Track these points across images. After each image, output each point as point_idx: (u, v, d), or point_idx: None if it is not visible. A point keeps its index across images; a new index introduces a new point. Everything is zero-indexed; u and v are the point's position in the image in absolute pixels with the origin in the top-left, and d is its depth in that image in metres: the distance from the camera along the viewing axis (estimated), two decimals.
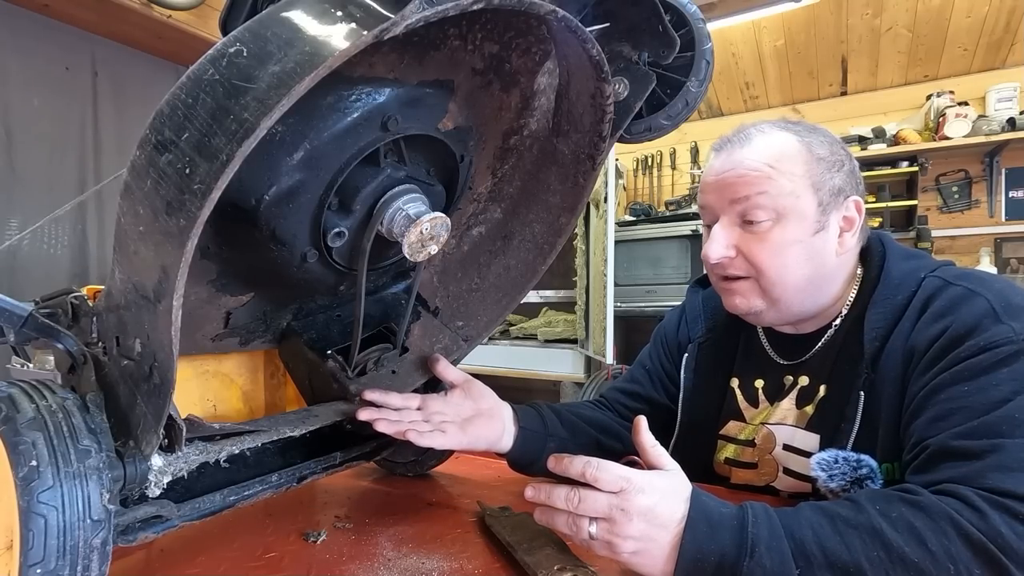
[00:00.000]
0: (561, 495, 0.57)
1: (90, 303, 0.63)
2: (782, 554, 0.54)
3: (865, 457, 0.70)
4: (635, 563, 0.56)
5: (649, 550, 0.55)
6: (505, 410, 0.84)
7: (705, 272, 1.01)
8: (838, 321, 0.80)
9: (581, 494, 0.56)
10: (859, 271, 0.81)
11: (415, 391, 0.82)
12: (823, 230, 0.76)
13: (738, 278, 0.79)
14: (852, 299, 0.79)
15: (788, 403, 0.82)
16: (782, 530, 0.55)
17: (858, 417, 0.73)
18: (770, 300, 0.78)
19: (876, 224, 3.43)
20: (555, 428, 0.88)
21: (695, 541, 0.55)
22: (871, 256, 0.80)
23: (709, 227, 0.81)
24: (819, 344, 0.81)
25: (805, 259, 0.76)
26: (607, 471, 0.56)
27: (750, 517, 0.56)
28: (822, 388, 0.79)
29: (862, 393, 0.73)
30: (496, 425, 0.82)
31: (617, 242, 2.89)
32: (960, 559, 0.51)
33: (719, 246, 0.77)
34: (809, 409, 0.80)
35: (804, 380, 0.81)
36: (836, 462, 0.71)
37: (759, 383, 0.87)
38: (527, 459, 0.85)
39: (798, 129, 0.79)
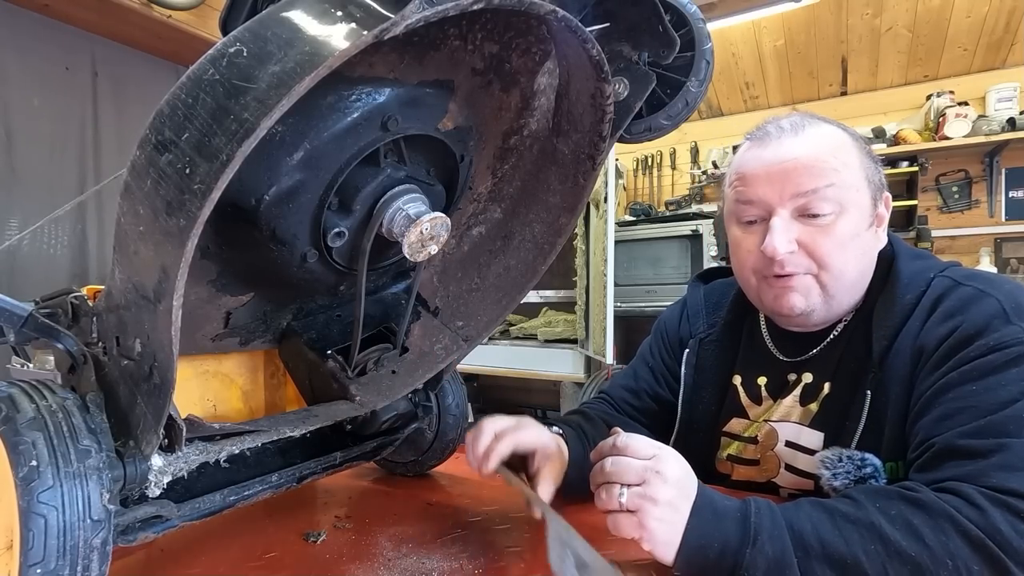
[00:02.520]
0: (599, 467, 0.61)
1: (90, 303, 0.63)
2: (783, 543, 0.54)
3: (869, 456, 0.70)
4: (657, 534, 0.56)
5: (673, 521, 0.56)
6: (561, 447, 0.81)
7: (708, 267, 1.01)
8: (848, 318, 0.80)
9: (616, 459, 0.59)
10: None
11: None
12: (873, 224, 0.76)
13: (795, 275, 0.75)
14: (864, 298, 0.79)
15: (791, 400, 0.82)
16: (784, 522, 0.56)
17: (864, 416, 0.72)
18: (827, 296, 0.75)
19: None
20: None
21: (700, 527, 0.56)
22: (880, 255, 0.79)
23: (751, 222, 0.78)
24: (824, 342, 0.81)
25: (861, 253, 0.75)
26: (638, 439, 0.60)
27: (753, 508, 0.57)
28: (826, 386, 0.79)
29: (869, 392, 0.73)
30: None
31: (617, 242, 2.89)
32: (958, 555, 0.51)
33: (784, 240, 0.73)
34: (813, 407, 0.80)
35: (808, 377, 0.81)
36: (840, 460, 0.71)
37: (762, 380, 0.86)
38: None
39: (837, 123, 0.79)
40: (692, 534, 0.56)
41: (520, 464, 0.76)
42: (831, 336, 0.80)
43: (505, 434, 0.74)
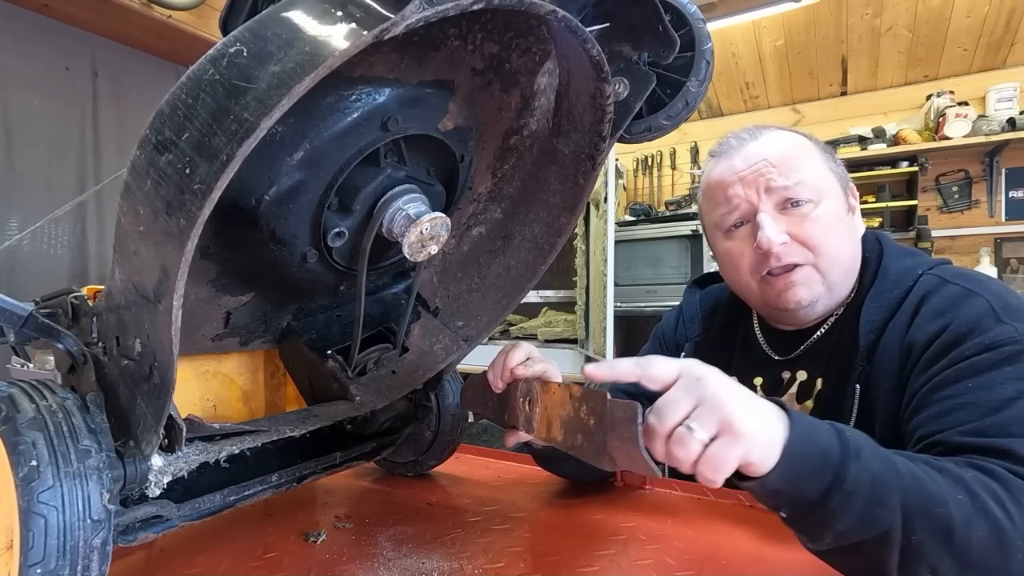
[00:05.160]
0: (654, 419, 0.48)
1: (90, 303, 0.63)
2: (887, 464, 0.49)
3: None
4: (755, 432, 0.46)
5: (765, 413, 0.48)
6: None
7: (705, 272, 1.01)
8: (839, 312, 0.80)
9: (655, 407, 0.49)
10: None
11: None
12: (850, 211, 0.80)
13: (795, 267, 0.76)
14: (853, 294, 0.80)
15: (787, 399, 0.82)
16: (879, 446, 0.51)
17: (855, 410, 0.73)
18: (828, 284, 0.77)
19: (876, 224, 3.43)
20: None
21: (801, 430, 0.48)
22: (868, 253, 0.80)
23: (736, 227, 0.80)
24: (813, 338, 0.81)
25: (848, 237, 0.78)
26: (655, 362, 0.50)
27: (840, 426, 0.51)
28: (819, 381, 0.80)
29: (858, 386, 0.73)
30: None
31: (617, 242, 2.89)
32: None
33: (776, 231, 0.75)
34: (809, 403, 0.80)
35: (802, 375, 0.82)
36: None
37: (758, 380, 0.87)
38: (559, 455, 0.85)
39: (788, 128, 0.83)
40: (796, 435, 0.47)
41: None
42: (820, 331, 0.81)
43: (538, 360, 0.72)
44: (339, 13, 0.43)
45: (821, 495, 0.48)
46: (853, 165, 3.33)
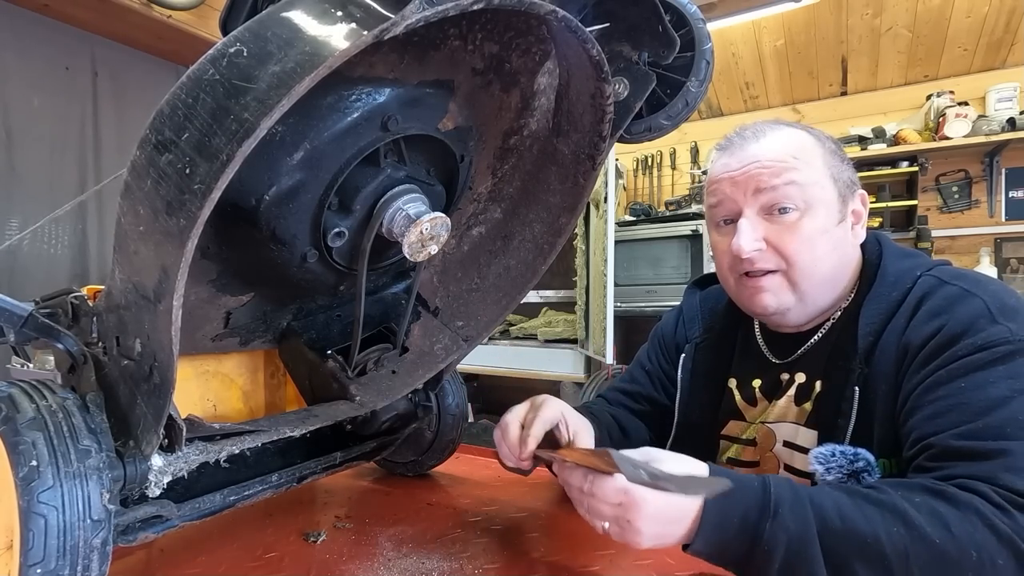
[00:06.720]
0: (575, 483, 0.59)
1: (90, 303, 0.63)
2: (804, 518, 0.54)
3: (862, 451, 0.70)
4: (657, 542, 0.57)
5: (665, 541, 0.56)
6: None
7: (705, 273, 1.01)
8: (837, 315, 0.80)
9: (590, 494, 0.58)
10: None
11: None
12: (844, 220, 0.78)
13: (766, 273, 0.77)
14: (852, 296, 0.80)
15: (786, 401, 0.82)
16: (805, 497, 0.56)
17: (854, 412, 0.73)
18: (799, 294, 0.77)
19: (876, 224, 3.43)
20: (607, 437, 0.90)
21: (719, 502, 0.55)
22: (868, 255, 0.80)
23: (724, 223, 0.81)
24: (812, 340, 0.81)
25: (831, 249, 0.77)
26: (601, 487, 0.57)
27: (771, 481, 0.57)
28: (818, 384, 0.80)
29: (857, 388, 0.73)
30: None
31: (617, 242, 2.88)
32: (985, 547, 0.51)
33: (750, 238, 0.75)
34: (808, 406, 0.80)
35: (801, 377, 0.82)
36: (833, 455, 0.71)
37: (756, 383, 0.87)
38: None
39: (801, 126, 0.81)
40: (710, 511, 0.55)
41: (549, 441, 0.76)
42: (818, 334, 0.81)
43: (530, 420, 0.75)
44: (339, 13, 0.43)
45: (744, 556, 0.55)
46: (853, 165, 3.33)
